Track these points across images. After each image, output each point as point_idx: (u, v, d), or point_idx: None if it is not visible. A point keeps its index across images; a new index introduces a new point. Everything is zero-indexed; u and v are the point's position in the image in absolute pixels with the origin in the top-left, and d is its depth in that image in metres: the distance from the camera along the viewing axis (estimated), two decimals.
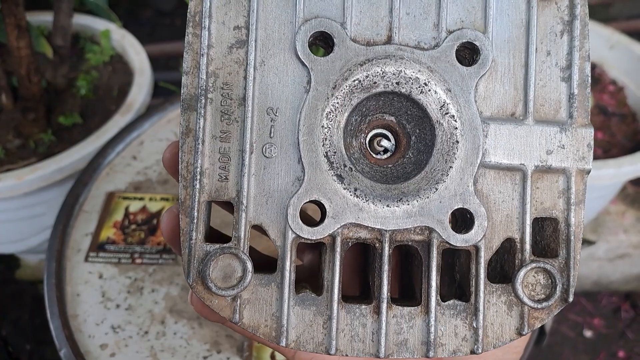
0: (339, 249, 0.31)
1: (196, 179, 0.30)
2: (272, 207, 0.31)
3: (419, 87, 0.31)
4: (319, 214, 0.31)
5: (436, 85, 0.31)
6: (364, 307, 0.31)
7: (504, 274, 0.33)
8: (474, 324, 0.31)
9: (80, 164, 0.95)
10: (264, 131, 0.31)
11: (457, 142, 0.31)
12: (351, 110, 0.32)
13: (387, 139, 0.33)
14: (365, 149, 0.33)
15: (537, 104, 0.32)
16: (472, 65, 0.31)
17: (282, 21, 0.31)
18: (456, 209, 0.31)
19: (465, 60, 0.32)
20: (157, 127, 0.84)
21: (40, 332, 1.31)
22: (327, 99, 0.31)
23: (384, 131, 0.33)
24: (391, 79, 0.31)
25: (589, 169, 0.31)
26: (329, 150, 0.31)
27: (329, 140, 0.31)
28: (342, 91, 0.31)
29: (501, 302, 0.31)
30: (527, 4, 0.32)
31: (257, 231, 0.31)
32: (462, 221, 0.32)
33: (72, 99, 1.08)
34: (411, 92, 0.31)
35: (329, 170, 0.30)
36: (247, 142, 0.30)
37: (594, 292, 1.38)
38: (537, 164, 0.31)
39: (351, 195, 0.31)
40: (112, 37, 1.17)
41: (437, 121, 0.31)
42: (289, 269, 0.31)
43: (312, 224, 0.30)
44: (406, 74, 0.31)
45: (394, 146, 0.33)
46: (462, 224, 0.32)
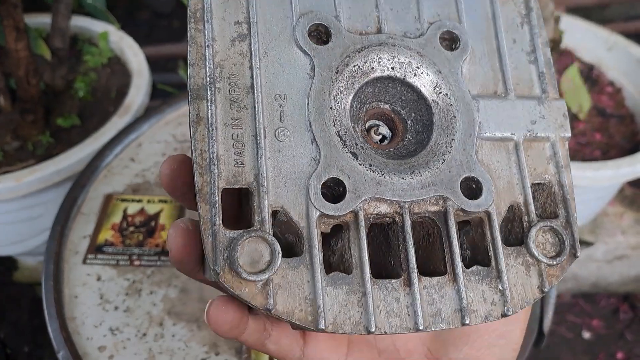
0: (363, 224, 0.30)
1: (213, 164, 0.29)
2: (291, 189, 0.30)
3: (412, 71, 0.34)
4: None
5: (427, 68, 0.34)
6: (394, 281, 0.31)
7: (514, 241, 0.34)
8: (500, 287, 0.32)
9: (78, 165, 0.95)
10: (275, 116, 0.31)
11: (455, 117, 0.33)
12: (354, 94, 0.33)
13: (383, 126, 0.35)
14: (365, 135, 0.35)
15: (514, 83, 0.35)
16: (454, 51, 0.35)
17: (279, 16, 0.33)
18: (464, 177, 0.32)
19: (446, 48, 0.35)
20: (155, 129, 0.84)
21: (38, 334, 1.30)
22: (332, 82, 0.32)
23: (378, 122, 0.35)
24: (387, 64, 0.34)
25: (569, 135, 0.35)
26: (340, 130, 0.32)
27: (339, 120, 0.32)
28: (344, 75, 0.33)
29: (518, 263, 0.32)
30: (490, 1, 0.36)
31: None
32: (468, 194, 0.33)
33: (70, 100, 1.08)
34: (405, 76, 0.34)
35: (343, 148, 0.31)
36: (261, 127, 0.30)
37: (592, 293, 1.38)
38: (525, 133, 0.34)
39: (367, 170, 0.31)
40: (110, 39, 1.17)
41: (432, 100, 0.34)
42: (318, 248, 0.30)
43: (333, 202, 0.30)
44: (400, 59, 0.34)
45: (390, 133, 0.35)
46: (469, 197, 0.33)
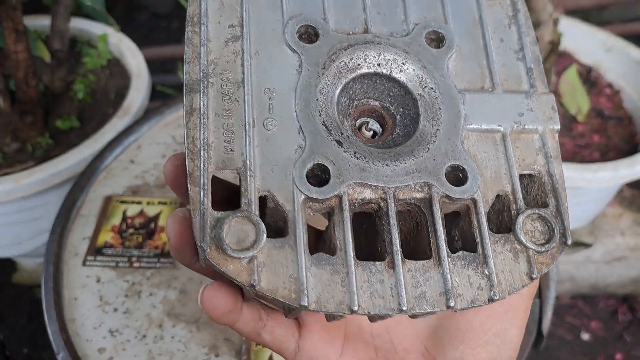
0: (347, 207, 0.31)
1: (204, 149, 0.31)
2: (278, 175, 0.31)
3: (398, 67, 0.35)
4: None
5: (413, 64, 0.35)
6: (378, 263, 0.31)
7: (504, 230, 0.34)
8: (486, 272, 0.32)
9: (78, 167, 0.95)
10: (263, 108, 0.33)
11: (440, 108, 0.35)
12: (341, 88, 0.35)
13: (374, 123, 0.37)
14: (355, 129, 0.36)
15: (501, 79, 0.36)
16: (440, 49, 0.36)
17: (270, 20, 0.35)
18: (449, 165, 0.33)
19: (432, 47, 0.37)
20: (154, 131, 0.84)
21: (37, 336, 1.30)
22: (319, 76, 0.34)
23: (369, 119, 0.37)
24: (373, 61, 0.35)
25: (558, 128, 0.35)
26: (326, 120, 0.33)
27: (325, 111, 0.33)
28: (331, 70, 0.34)
29: (507, 250, 0.32)
30: (477, 5, 0.38)
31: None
32: (454, 181, 0.33)
33: (69, 102, 1.08)
34: (391, 72, 0.35)
35: (329, 136, 0.32)
36: (250, 117, 0.32)
37: (591, 295, 1.38)
38: (512, 124, 0.35)
39: (352, 157, 0.32)
40: (110, 40, 1.17)
41: (418, 94, 0.35)
42: (302, 229, 0.31)
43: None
44: (385, 56, 0.35)
45: (380, 129, 0.36)
46: (454, 184, 0.33)
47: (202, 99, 0.32)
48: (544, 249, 0.32)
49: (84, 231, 0.72)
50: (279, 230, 0.32)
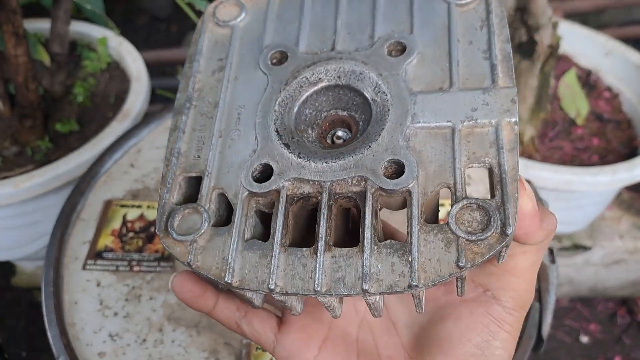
0: (283, 199, 0.35)
1: (174, 156, 0.38)
2: (232, 175, 0.37)
3: (356, 77, 0.38)
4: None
5: (369, 72, 0.38)
6: (304, 249, 0.34)
7: None
8: (409, 258, 0.32)
9: (77, 171, 0.95)
10: (232, 122, 0.39)
11: (388, 110, 0.36)
12: (303, 101, 0.39)
13: (343, 131, 0.40)
14: (321, 137, 0.40)
15: (462, 79, 0.37)
16: (399, 57, 0.38)
17: (250, 50, 0.41)
18: (388, 159, 0.35)
19: (395, 56, 0.39)
20: (154, 135, 0.84)
21: (35, 339, 1.30)
22: (280, 92, 0.39)
23: (338, 129, 0.40)
24: (333, 74, 0.39)
25: (515, 119, 0.34)
26: (279, 127, 0.38)
27: (280, 120, 0.38)
28: (292, 86, 0.39)
29: (438, 239, 0.33)
30: (447, 13, 0.39)
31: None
32: (391, 175, 0.35)
33: (69, 106, 1.08)
34: (350, 82, 0.38)
35: (278, 140, 0.37)
36: (218, 129, 0.38)
37: (590, 297, 1.38)
38: (462, 119, 0.35)
39: (295, 157, 0.36)
40: (109, 44, 1.17)
41: (372, 99, 0.37)
42: (239, 218, 0.35)
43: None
44: (345, 68, 0.38)
45: (348, 135, 0.40)
46: (391, 177, 0.35)
47: (182, 119, 0.39)
48: (475, 238, 0.32)
49: (84, 235, 0.72)
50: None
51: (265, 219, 0.38)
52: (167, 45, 1.98)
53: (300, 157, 0.36)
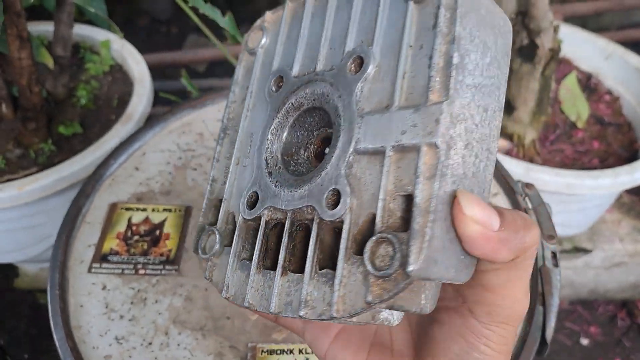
0: (263, 226, 0.38)
1: (209, 183, 0.43)
2: (238, 200, 0.40)
3: (325, 99, 0.38)
4: None
5: (333, 94, 0.37)
6: (272, 272, 0.37)
7: None
8: (332, 289, 0.33)
9: (81, 173, 0.95)
10: (246, 149, 0.42)
11: (339, 136, 0.36)
12: (291, 125, 0.41)
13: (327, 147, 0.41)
14: (313, 157, 0.41)
15: (407, 93, 0.33)
16: (356, 74, 0.37)
17: (265, 76, 0.43)
18: (330, 189, 0.35)
19: (355, 72, 0.37)
20: (159, 138, 0.84)
21: (37, 341, 1.30)
22: (273, 119, 0.40)
23: (327, 147, 0.40)
24: (310, 98, 0.39)
25: (434, 141, 0.30)
26: (268, 155, 0.40)
27: (270, 148, 0.40)
28: (281, 112, 0.40)
29: (359, 272, 0.32)
30: (404, 12, 0.34)
31: None
32: (332, 204, 0.35)
33: (72, 108, 1.08)
34: (322, 105, 0.39)
35: (265, 169, 0.39)
36: (235, 157, 0.42)
37: (590, 300, 1.39)
38: (393, 144, 0.32)
39: (273, 185, 0.38)
40: (112, 47, 1.17)
41: (334, 122, 0.37)
42: (236, 240, 0.39)
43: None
44: (317, 92, 0.39)
45: None
46: (332, 207, 0.35)
47: (217, 149, 0.44)
48: (383, 274, 0.30)
49: (89, 238, 0.72)
50: None
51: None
52: (167, 46, 1.99)
53: (276, 186, 0.38)
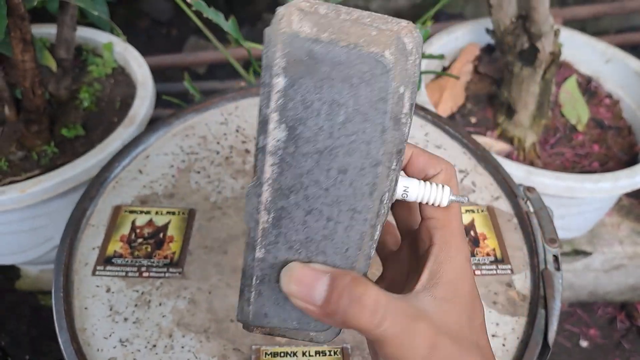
0: None
1: None
2: None
3: None
4: None
5: None
6: None
7: None
8: None
9: (83, 176, 0.95)
10: None
11: None
12: None
13: None
14: None
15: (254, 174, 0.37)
16: None
17: None
18: None
19: None
20: (162, 141, 0.84)
21: (38, 343, 1.30)
22: None
23: None
24: None
25: (257, 218, 0.36)
26: None
27: None
28: None
29: None
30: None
31: None
32: None
33: (74, 111, 1.08)
34: None
35: None
36: None
37: (589, 302, 1.39)
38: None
39: None
40: (115, 49, 1.17)
41: None
42: None
43: None
44: None
45: None
46: None
47: None
48: None
49: (93, 241, 0.73)
50: None
51: None
52: (167, 48, 1.99)
53: None
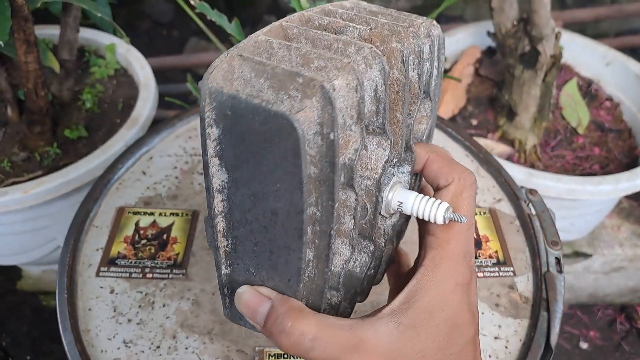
0: None
1: None
2: None
3: None
4: None
5: None
6: None
7: None
8: None
9: (86, 177, 0.95)
10: None
11: None
12: None
13: None
14: None
15: None
16: None
17: None
18: None
19: None
20: (166, 143, 0.85)
21: (39, 344, 1.31)
22: None
23: None
24: None
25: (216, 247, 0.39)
26: None
27: None
28: None
29: None
30: None
31: None
32: None
33: (77, 112, 1.09)
34: None
35: None
36: None
37: (589, 304, 1.40)
38: None
39: None
40: (117, 50, 1.18)
41: None
42: None
43: None
44: None
45: None
46: None
47: None
48: None
49: (97, 242, 0.73)
50: None
51: None
52: (168, 49, 1.99)
53: None
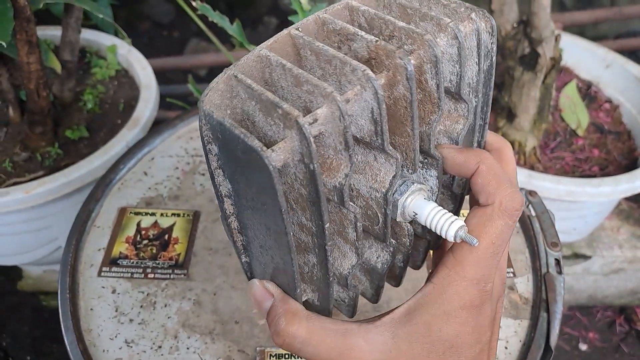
0: None
1: None
2: None
3: None
4: None
5: None
6: None
7: None
8: None
9: (87, 177, 0.96)
10: None
11: None
12: None
13: None
14: None
15: None
16: None
17: None
18: None
19: None
20: (167, 143, 0.85)
21: (39, 344, 1.31)
22: None
23: None
24: None
25: None
26: None
27: None
28: None
29: None
30: None
31: None
32: None
33: (78, 112, 1.09)
34: None
35: None
36: None
37: (589, 306, 1.40)
38: None
39: None
40: (118, 51, 1.18)
41: None
42: None
43: None
44: None
45: None
46: None
47: None
48: None
49: (99, 242, 0.73)
50: None
51: None
52: (168, 50, 2.00)
53: None
